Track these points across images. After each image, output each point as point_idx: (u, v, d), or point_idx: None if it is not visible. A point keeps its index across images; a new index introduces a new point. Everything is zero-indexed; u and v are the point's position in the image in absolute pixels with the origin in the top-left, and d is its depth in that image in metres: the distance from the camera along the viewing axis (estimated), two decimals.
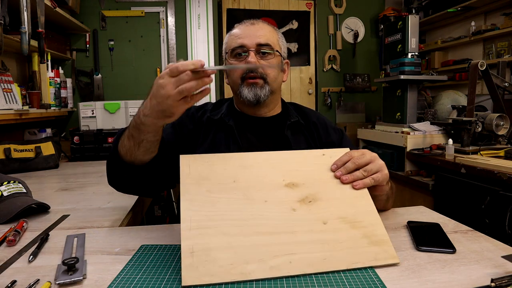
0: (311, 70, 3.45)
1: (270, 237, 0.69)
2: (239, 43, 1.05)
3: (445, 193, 2.04)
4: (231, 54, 1.08)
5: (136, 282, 0.64)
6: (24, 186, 1.17)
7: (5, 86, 1.91)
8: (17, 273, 0.69)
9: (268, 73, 1.06)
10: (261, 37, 1.05)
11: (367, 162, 0.83)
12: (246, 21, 1.11)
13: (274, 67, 1.06)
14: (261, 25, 1.09)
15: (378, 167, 0.84)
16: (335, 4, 3.42)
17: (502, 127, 2.04)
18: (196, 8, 3.15)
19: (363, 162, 0.83)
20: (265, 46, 1.05)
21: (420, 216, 1.00)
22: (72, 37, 2.99)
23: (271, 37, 1.08)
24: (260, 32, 1.06)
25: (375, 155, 0.86)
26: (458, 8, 2.72)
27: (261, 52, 1.05)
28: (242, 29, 1.08)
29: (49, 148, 2.02)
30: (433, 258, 0.72)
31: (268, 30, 1.09)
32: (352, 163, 0.82)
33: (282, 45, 1.12)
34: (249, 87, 1.05)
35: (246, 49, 1.05)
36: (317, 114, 1.23)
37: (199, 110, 1.17)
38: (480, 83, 2.58)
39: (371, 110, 3.54)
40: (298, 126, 1.15)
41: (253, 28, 1.07)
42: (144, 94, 0.85)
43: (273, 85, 1.08)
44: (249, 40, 1.05)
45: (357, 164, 0.83)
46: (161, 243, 0.82)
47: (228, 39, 1.11)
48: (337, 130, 1.22)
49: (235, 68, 1.07)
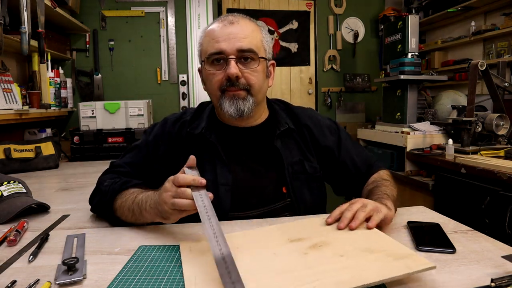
0: (311, 70, 3.45)
1: (286, 274, 0.62)
2: (216, 48, 0.91)
3: (445, 193, 2.04)
4: (207, 60, 0.94)
5: (136, 282, 0.64)
6: (24, 186, 1.17)
7: (5, 86, 1.91)
8: (17, 273, 0.69)
9: (252, 83, 0.94)
10: (242, 41, 0.91)
11: (360, 204, 0.80)
12: (224, 18, 0.95)
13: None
14: (242, 24, 0.94)
15: (373, 204, 0.81)
16: (335, 4, 3.42)
17: (502, 127, 2.04)
18: (196, 8, 3.15)
19: (357, 206, 0.80)
20: (247, 52, 0.92)
21: (420, 216, 0.99)
22: (72, 37, 2.99)
23: (254, 39, 0.94)
24: (241, 33, 0.92)
25: (363, 200, 0.82)
26: (458, 8, 2.72)
27: (243, 59, 0.93)
28: (220, 29, 0.93)
29: (49, 148, 2.02)
30: (433, 258, 0.72)
31: (250, 30, 0.94)
32: (349, 211, 0.78)
33: (266, 46, 0.99)
34: (231, 100, 0.93)
35: (225, 56, 0.92)
36: (308, 113, 1.12)
37: (176, 123, 1.06)
38: (480, 83, 2.58)
39: (371, 110, 3.54)
40: (289, 133, 1.05)
41: (233, 29, 0.92)
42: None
43: (258, 96, 0.97)
44: (228, 44, 0.91)
45: (354, 209, 0.79)
46: (160, 243, 0.82)
47: (204, 39, 0.97)
48: (333, 129, 1.11)
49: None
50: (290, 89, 3.42)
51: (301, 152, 1.05)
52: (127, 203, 0.91)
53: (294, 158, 1.03)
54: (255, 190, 1.01)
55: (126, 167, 1.05)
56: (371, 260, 0.65)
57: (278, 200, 1.02)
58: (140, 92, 3.05)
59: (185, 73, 3.15)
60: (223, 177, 0.99)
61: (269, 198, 1.01)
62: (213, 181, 0.98)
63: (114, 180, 0.99)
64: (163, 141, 1.05)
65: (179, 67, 3.14)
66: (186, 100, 3.16)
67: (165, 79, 3.13)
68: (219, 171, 0.99)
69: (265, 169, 1.03)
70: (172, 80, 3.14)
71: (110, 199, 0.94)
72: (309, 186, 1.04)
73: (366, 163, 1.12)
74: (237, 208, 0.99)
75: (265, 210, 1.01)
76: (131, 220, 0.92)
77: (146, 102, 2.50)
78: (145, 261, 0.73)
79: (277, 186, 1.02)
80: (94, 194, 1.03)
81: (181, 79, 3.15)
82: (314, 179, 1.05)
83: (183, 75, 3.15)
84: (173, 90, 3.16)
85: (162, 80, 3.13)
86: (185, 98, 3.16)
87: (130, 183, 0.97)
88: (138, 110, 2.46)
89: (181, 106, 3.15)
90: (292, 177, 1.02)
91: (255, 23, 0.99)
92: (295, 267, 0.65)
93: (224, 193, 0.98)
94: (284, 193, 1.02)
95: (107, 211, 0.97)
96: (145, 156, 1.05)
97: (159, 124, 1.10)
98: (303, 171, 1.04)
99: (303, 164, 1.04)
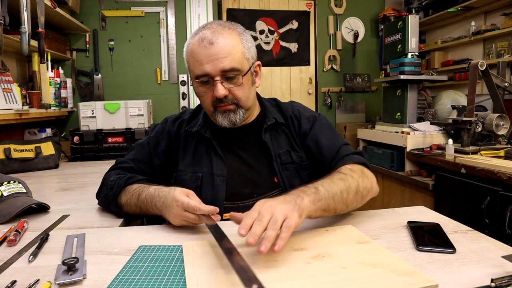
0: (311, 70, 3.45)
1: (287, 282, 0.63)
2: (201, 70, 0.97)
3: (445, 193, 2.04)
4: (196, 81, 1.00)
5: (135, 282, 0.64)
6: (24, 186, 1.17)
7: (5, 86, 1.91)
8: (17, 273, 0.69)
9: (239, 97, 1.00)
10: (224, 62, 0.95)
11: (270, 215, 0.70)
12: (203, 37, 0.97)
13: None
14: (221, 42, 0.96)
15: (282, 213, 0.70)
16: (335, 4, 3.42)
17: (502, 127, 2.04)
18: (196, 8, 3.15)
19: (266, 219, 0.69)
20: (230, 71, 0.97)
21: (420, 216, 0.99)
22: (72, 37, 2.99)
23: (235, 55, 0.97)
24: (222, 53, 0.95)
25: (271, 204, 0.73)
26: (458, 8, 2.72)
27: (227, 77, 0.98)
28: (202, 50, 0.96)
29: (49, 148, 2.02)
30: (433, 258, 0.72)
31: (230, 46, 0.97)
32: (259, 226, 0.68)
33: (249, 53, 1.02)
34: (223, 114, 1.02)
35: (210, 78, 0.97)
36: (292, 106, 1.17)
37: (175, 122, 1.15)
38: (480, 83, 2.58)
39: (371, 110, 3.54)
40: (277, 126, 1.12)
41: (214, 50, 0.95)
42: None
43: (247, 105, 1.04)
44: (212, 67, 0.95)
45: (264, 223, 0.68)
46: (160, 243, 0.82)
47: (189, 59, 1.01)
48: (310, 118, 1.13)
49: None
50: (290, 89, 3.42)
51: (289, 143, 1.11)
52: (133, 200, 0.99)
53: (282, 149, 1.09)
54: (249, 181, 1.08)
55: (130, 163, 1.13)
56: (373, 274, 0.65)
57: (271, 190, 1.08)
58: (140, 92, 3.05)
59: (185, 73, 3.15)
60: (218, 169, 1.06)
61: (262, 188, 1.07)
62: (209, 173, 1.07)
63: (119, 175, 1.06)
64: (163, 138, 1.14)
65: (179, 67, 3.14)
66: (186, 100, 3.16)
67: (165, 79, 3.13)
68: (214, 164, 1.07)
69: (257, 161, 1.10)
70: (172, 80, 3.14)
71: (115, 193, 1.02)
72: (299, 175, 1.09)
73: (334, 150, 1.06)
74: (232, 198, 1.06)
75: (259, 200, 1.03)
76: (139, 213, 1.00)
77: (146, 102, 2.50)
78: (145, 261, 0.73)
79: (269, 176, 1.08)
80: (100, 189, 1.12)
81: (181, 79, 3.15)
82: (302, 167, 1.10)
83: (183, 75, 3.15)
84: (173, 90, 3.16)
85: (162, 80, 3.13)
86: (185, 98, 3.16)
87: (134, 178, 1.04)
88: (138, 110, 2.46)
89: (181, 106, 3.15)
90: (281, 167, 1.08)
91: (234, 33, 1.00)
92: (298, 276, 0.65)
93: (220, 184, 1.05)
94: (276, 183, 1.08)
95: (112, 205, 1.04)
96: (147, 153, 1.14)
97: (160, 123, 1.20)
98: (291, 161, 1.09)
99: (290, 155, 1.09)
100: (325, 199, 0.81)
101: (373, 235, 0.84)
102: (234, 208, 1.03)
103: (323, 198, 0.80)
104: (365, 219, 0.96)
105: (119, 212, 1.03)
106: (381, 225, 0.91)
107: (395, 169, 2.46)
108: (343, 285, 0.61)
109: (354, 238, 0.81)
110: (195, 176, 1.07)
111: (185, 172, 1.09)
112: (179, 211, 0.87)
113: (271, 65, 3.36)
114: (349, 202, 0.87)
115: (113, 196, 1.02)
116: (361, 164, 1.00)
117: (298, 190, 0.80)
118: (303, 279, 0.63)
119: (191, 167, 1.09)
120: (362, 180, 0.92)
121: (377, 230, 0.88)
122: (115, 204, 1.03)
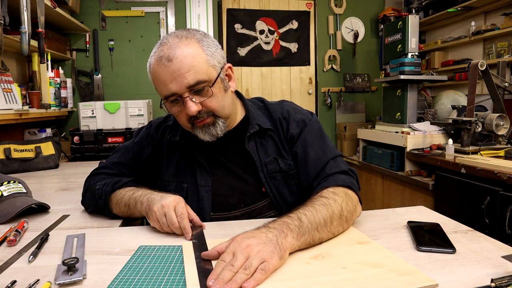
0: (311, 70, 3.45)
1: (287, 282, 0.63)
2: (168, 90, 0.90)
3: (445, 193, 2.04)
4: (165, 100, 0.94)
5: (136, 282, 0.64)
6: (24, 186, 1.17)
7: (5, 86, 1.91)
8: (17, 273, 0.69)
9: (213, 108, 0.93)
10: (188, 77, 0.88)
11: (245, 258, 0.64)
12: (161, 55, 0.90)
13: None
14: (180, 56, 0.88)
15: (259, 257, 0.64)
16: (335, 4, 3.42)
17: (502, 127, 2.04)
18: (196, 8, 3.14)
19: (239, 263, 0.63)
20: (197, 85, 0.90)
21: (420, 216, 0.99)
22: (72, 37, 2.99)
23: (198, 67, 0.89)
24: (183, 67, 0.88)
25: (248, 243, 0.66)
26: (458, 8, 2.72)
27: (196, 91, 0.91)
28: (162, 70, 0.89)
29: (49, 148, 2.02)
30: (433, 258, 0.72)
31: (190, 58, 0.89)
32: (229, 271, 0.61)
33: (214, 60, 0.93)
34: (202, 129, 0.95)
35: (179, 96, 0.91)
36: (282, 107, 1.08)
37: (159, 128, 1.11)
38: (480, 83, 2.58)
39: (371, 110, 3.54)
40: (263, 132, 1.04)
41: (174, 67, 0.88)
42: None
43: (225, 113, 0.97)
44: (177, 85, 0.89)
45: (235, 268, 0.62)
46: (160, 243, 0.82)
47: (154, 82, 0.94)
48: (300, 122, 1.05)
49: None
50: (290, 89, 3.42)
51: (277, 149, 1.04)
52: (121, 208, 1.00)
53: (269, 157, 1.03)
54: (235, 190, 1.03)
55: (114, 167, 1.12)
56: (373, 274, 0.65)
57: (259, 200, 1.03)
58: (140, 92, 3.05)
59: None
60: (202, 179, 1.03)
61: (250, 198, 1.03)
62: (193, 184, 1.03)
63: (105, 182, 1.05)
64: (147, 144, 1.11)
65: None
66: None
67: None
68: (198, 174, 1.03)
69: (242, 170, 1.04)
70: None
71: (105, 201, 1.02)
72: (287, 185, 1.03)
73: (320, 166, 0.98)
74: (219, 208, 1.02)
75: (247, 210, 1.03)
76: (127, 214, 1.01)
77: (146, 102, 2.50)
78: (145, 261, 0.73)
79: (257, 185, 1.03)
80: (86, 198, 1.10)
81: None
82: (290, 176, 1.03)
83: None
84: None
85: None
86: None
87: (120, 183, 1.03)
88: (138, 110, 2.46)
89: None
90: (268, 176, 1.02)
91: (192, 42, 0.91)
92: (298, 275, 0.65)
93: (205, 194, 1.02)
94: (265, 192, 1.03)
95: (106, 212, 1.04)
96: (131, 158, 1.11)
97: (145, 127, 1.16)
98: (279, 170, 1.03)
99: (278, 163, 1.03)
100: (309, 231, 0.75)
101: (373, 235, 0.84)
102: (221, 218, 1.01)
103: (306, 231, 0.75)
104: (365, 219, 0.96)
105: (115, 216, 1.03)
106: (381, 225, 0.91)
107: (395, 169, 2.46)
108: (343, 285, 0.61)
109: (354, 238, 0.81)
110: (180, 186, 1.04)
111: (169, 182, 1.06)
112: (165, 209, 0.88)
113: (271, 65, 3.36)
114: (333, 229, 0.81)
115: (102, 204, 1.03)
116: (345, 186, 0.92)
117: (281, 223, 0.74)
118: (303, 279, 0.64)
119: (175, 177, 1.06)
120: (346, 204, 0.86)
121: (377, 230, 0.88)
122: (108, 210, 1.03)
